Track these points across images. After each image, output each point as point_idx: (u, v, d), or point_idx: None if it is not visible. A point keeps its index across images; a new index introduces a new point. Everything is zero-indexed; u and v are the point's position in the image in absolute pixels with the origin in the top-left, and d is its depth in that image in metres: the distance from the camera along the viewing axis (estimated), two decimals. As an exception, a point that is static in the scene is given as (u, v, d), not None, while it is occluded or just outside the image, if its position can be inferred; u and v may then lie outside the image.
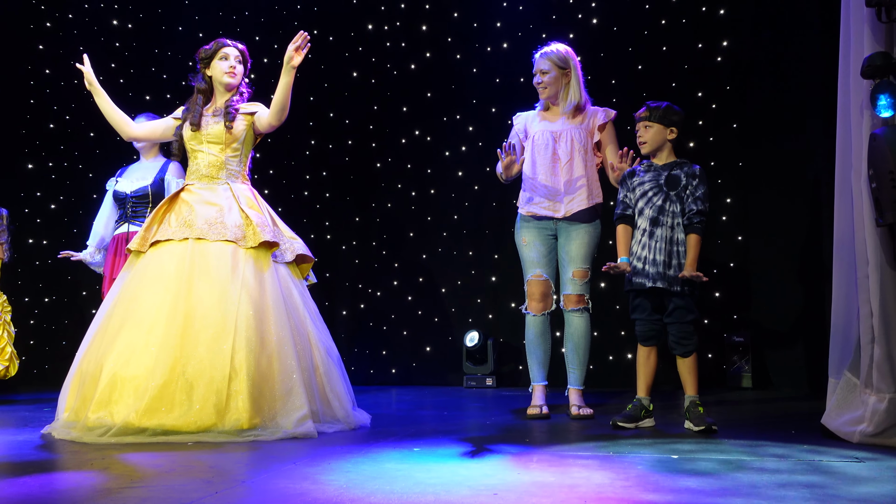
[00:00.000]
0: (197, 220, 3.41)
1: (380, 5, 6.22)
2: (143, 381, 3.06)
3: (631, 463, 2.54)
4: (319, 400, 3.32)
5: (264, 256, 3.44)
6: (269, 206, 3.69)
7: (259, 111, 3.68)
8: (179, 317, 3.17)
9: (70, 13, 6.50)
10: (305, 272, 3.71)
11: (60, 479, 2.34)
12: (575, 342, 3.91)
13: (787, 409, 4.22)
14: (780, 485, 2.16)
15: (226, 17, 6.40)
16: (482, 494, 2.07)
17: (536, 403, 3.89)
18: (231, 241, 3.38)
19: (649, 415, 3.48)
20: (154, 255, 3.41)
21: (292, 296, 3.47)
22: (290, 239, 3.63)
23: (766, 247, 5.33)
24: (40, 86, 6.48)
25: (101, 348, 3.24)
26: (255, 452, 2.78)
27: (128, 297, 3.32)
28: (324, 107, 6.29)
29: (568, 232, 3.92)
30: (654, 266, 3.40)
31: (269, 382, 3.17)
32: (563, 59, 3.94)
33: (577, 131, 3.92)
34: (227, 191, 3.56)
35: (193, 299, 3.22)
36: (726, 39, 5.50)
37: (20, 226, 6.09)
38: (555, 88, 3.96)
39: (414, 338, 6.06)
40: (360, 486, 2.18)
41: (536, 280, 3.94)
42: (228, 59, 3.67)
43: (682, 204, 3.44)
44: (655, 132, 3.51)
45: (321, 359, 3.43)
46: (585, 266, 3.91)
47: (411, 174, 6.12)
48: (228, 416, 3.06)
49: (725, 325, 5.37)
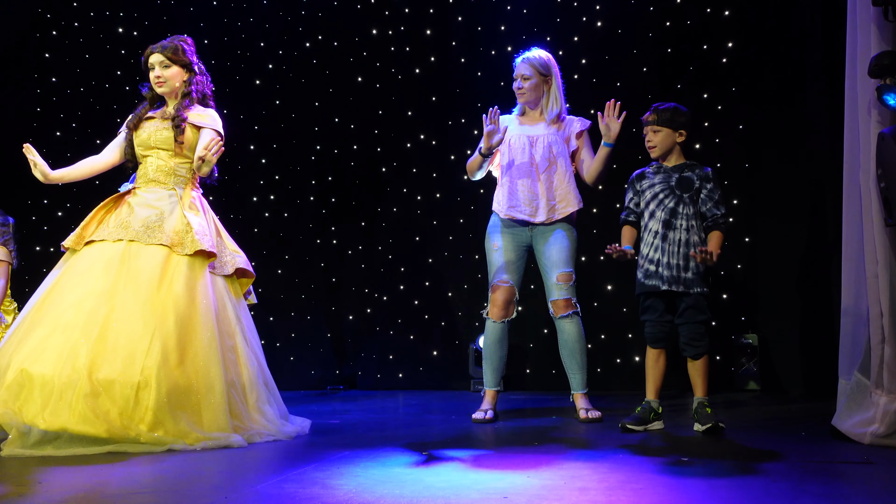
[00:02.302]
0: (134, 222, 3.33)
1: (384, 10, 6.23)
2: (49, 383, 2.95)
3: (641, 466, 2.53)
4: (245, 413, 3.24)
5: (200, 265, 3.34)
6: (215, 216, 3.59)
7: (203, 136, 3.49)
8: (98, 320, 3.08)
9: (76, 21, 6.52)
10: (244, 288, 3.62)
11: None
12: (570, 348, 3.89)
13: (796, 410, 4.20)
14: (793, 487, 2.15)
15: (231, 23, 6.41)
16: (492, 498, 2.06)
17: (484, 407, 3.91)
18: (166, 246, 3.29)
19: (658, 417, 3.46)
20: (86, 254, 3.32)
21: (225, 309, 3.38)
22: (232, 252, 3.54)
23: (773, 248, 5.30)
24: (47, 94, 6.50)
25: (14, 343, 3.13)
26: (260, 459, 2.78)
27: (52, 295, 3.24)
28: (329, 112, 6.30)
29: (545, 237, 3.91)
30: (668, 269, 3.39)
31: (183, 394, 3.08)
32: (545, 65, 3.95)
33: (556, 138, 3.93)
34: (172, 196, 3.46)
35: (115, 304, 3.13)
36: (731, 40, 5.49)
37: (27, 233, 6.11)
38: (534, 94, 3.97)
39: (421, 342, 6.05)
40: (369, 490, 2.18)
41: (503, 286, 3.91)
42: (154, 68, 3.54)
43: (696, 206, 3.44)
44: (664, 136, 3.50)
45: (248, 375, 3.34)
46: (569, 269, 3.88)
47: (417, 178, 6.12)
48: (133, 426, 2.96)
49: (733, 327, 5.35)
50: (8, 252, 5.08)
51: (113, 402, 2.97)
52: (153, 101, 3.64)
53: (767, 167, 5.35)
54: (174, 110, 3.53)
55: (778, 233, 5.27)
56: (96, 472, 2.53)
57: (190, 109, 3.54)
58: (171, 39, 3.60)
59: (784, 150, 5.26)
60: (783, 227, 5.25)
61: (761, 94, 5.38)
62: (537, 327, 5.57)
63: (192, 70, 3.60)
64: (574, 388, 3.92)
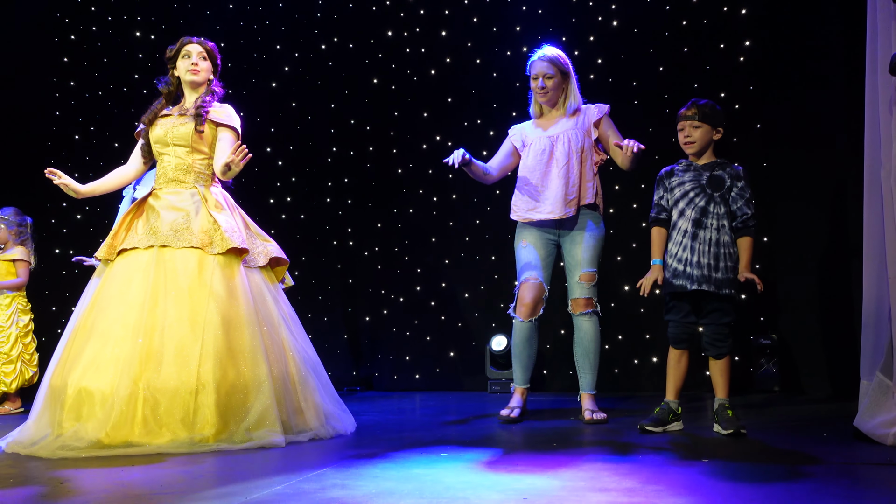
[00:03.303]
0: (162, 227, 3.31)
1: (399, 12, 6.24)
2: (108, 398, 2.98)
3: (660, 467, 2.51)
4: (293, 410, 3.24)
5: (234, 262, 3.32)
6: (240, 210, 3.58)
7: (223, 138, 3.50)
8: (145, 331, 3.09)
9: (94, 25, 6.57)
10: (281, 275, 3.60)
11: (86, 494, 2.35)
12: (585, 347, 3.88)
13: (816, 412, 4.16)
14: (816, 489, 2.13)
15: (247, 26, 6.44)
16: (511, 499, 2.06)
17: (512, 405, 3.89)
18: (197, 248, 3.28)
19: (677, 418, 3.44)
20: (121, 264, 3.31)
21: (265, 302, 3.36)
22: (263, 242, 3.51)
23: (791, 247, 5.26)
24: (65, 98, 6.56)
25: (68, 362, 3.15)
26: (280, 460, 2.79)
27: (94, 310, 3.24)
28: (345, 114, 6.31)
29: (572, 237, 3.89)
30: (698, 268, 3.35)
31: (240, 395, 3.10)
32: (565, 62, 3.94)
33: (574, 132, 3.90)
34: (194, 195, 3.44)
35: (159, 311, 3.14)
36: (749, 39, 5.45)
37: (46, 236, 6.16)
38: (556, 94, 3.95)
39: (437, 343, 6.05)
40: (389, 491, 2.18)
41: (532, 283, 3.87)
42: (191, 56, 3.53)
43: (727, 205, 3.40)
44: (704, 132, 3.45)
45: (296, 368, 3.34)
46: (592, 269, 3.87)
47: (433, 179, 6.12)
48: (196, 430, 3.00)
49: (752, 328, 5.31)
50: (27, 251, 5.16)
51: (174, 409, 3.00)
52: (169, 97, 3.62)
53: (786, 166, 5.31)
54: (197, 103, 3.51)
55: (797, 232, 5.23)
56: (118, 473, 2.54)
57: (211, 104, 3.54)
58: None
59: (803, 149, 5.22)
60: (802, 226, 5.21)
61: (779, 93, 5.34)
62: (555, 329, 5.55)
63: (216, 73, 3.65)
64: (583, 387, 3.90)
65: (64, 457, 2.85)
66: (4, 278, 5.08)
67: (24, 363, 5.03)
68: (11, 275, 5.08)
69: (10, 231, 5.11)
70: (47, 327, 5.86)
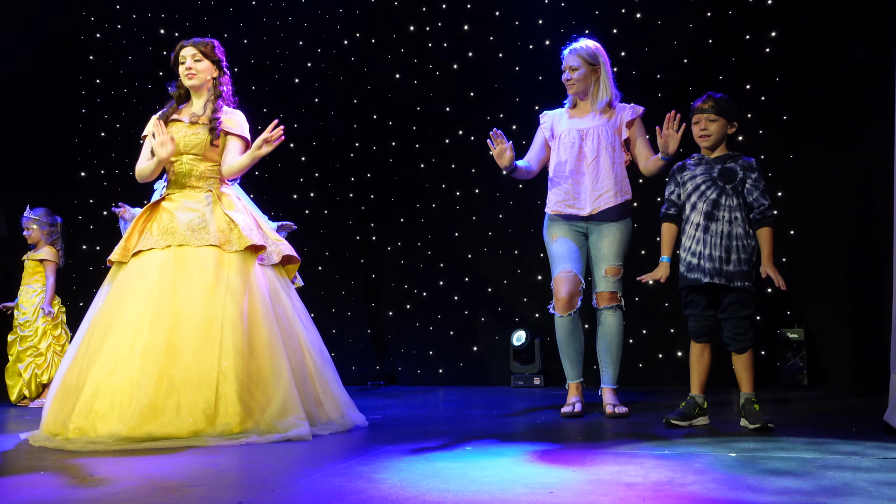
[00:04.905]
0: (179, 227, 3.35)
1: (421, 6, 6.23)
2: (129, 391, 3.00)
3: (688, 461, 2.49)
4: (313, 402, 3.27)
5: (250, 260, 3.37)
6: (253, 208, 3.62)
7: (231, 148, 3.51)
8: (164, 323, 3.12)
9: (119, 24, 6.63)
10: (292, 274, 3.65)
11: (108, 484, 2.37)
12: (608, 341, 3.85)
13: (845, 406, 4.11)
14: (847, 483, 2.10)
15: (269, 23, 6.47)
16: (538, 493, 2.05)
17: (571, 401, 3.86)
18: (215, 246, 3.31)
19: (703, 413, 3.42)
20: (136, 264, 3.33)
21: (280, 299, 3.40)
22: (275, 241, 3.54)
23: (819, 240, 5.20)
24: (92, 96, 6.63)
25: (86, 359, 3.18)
26: (304, 453, 2.80)
27: (111, 308, 3.26)
28: (367, 109, 6.32)
29: (599, 230, 3.88)
30: (710, 261, 3.33)
31: (260, 386, 3.12)
32: (592, 55, 3.90)
33: (605, 129, 3.87)
34: (208, 196, 3.48)
35: (178, 305, 3.17)
36: (775, 30, 5.39)
37: (73, 232, 6.24)
38: (584, 85, 3.92)
39: (461, 338, 6.05)
40: (414, 484, 2.18)
41: (566, 276, 3.83)
42: (185, 60, 3.54)
43: (739, 197, 3.37)
44: (720, 126, 3.42)
45: (313, 361, 3.37)
46: (618, 263, 3.85)
47: (455, 174, 6.11)
48: (219, 421, 3.02)
49: (779, 321, 5.25)
50: (55, 252, 5.27)
51: (196, 400, 3.03)
52: (180, 100, 3.64)
53: (813, 158, 5.24)
54: (210, 112, 3.53)
55: (824, 224, 5.16)
56: (145, 464, 2.57)
57: (221, 112, 3.55)
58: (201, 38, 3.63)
59: (830, 140, 5.14)
60: (829, 218, 5.14)
61: (806, 84, 5.27)
62: (578, 323, 5.52)
63: (222, 69, 3.63)
64: (604, 381, 3.88)
65: (91, 450, 2.88)
66: (32, 277, 5.23)
67: (55, 355, 5.15)
68: (39, 274, 5.24)
69: (43, 231, 5.26)
70: (76, 323, 5.93)
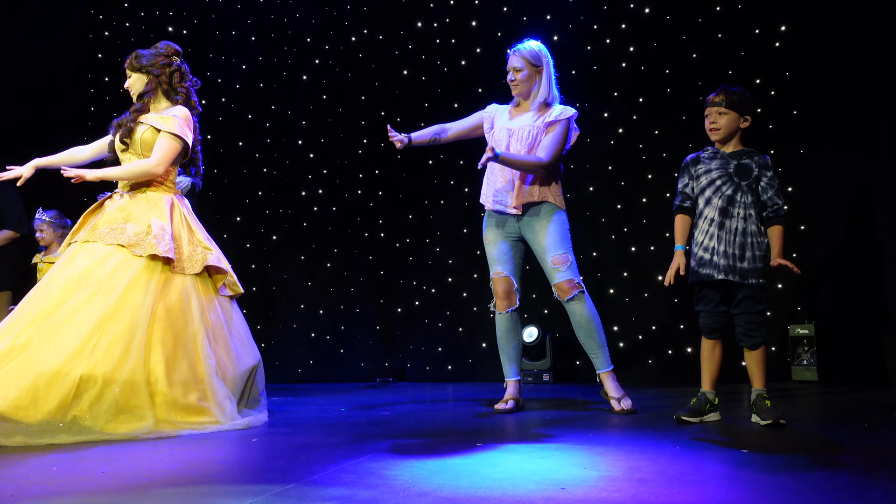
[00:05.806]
0: (101, 225, 3.49)
1: (429, 3, 6.22)
2: None
3: (699, 458, 2.48)
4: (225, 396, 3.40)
5: (156, 266, 3.43)
6: (189, 216, 3.66)
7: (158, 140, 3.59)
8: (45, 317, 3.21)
9: (127, 22, 6.65)
10: (219, 283, 3.66)
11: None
12: (585, 329, 3.83)
13: (856, 402, 4.09)
14: (861, 479, 2.09)
15: (277, 20, 6.47)
16: (549, 489, 2.05)
17: (506, 397, 3.93)
18: (123, 246, 3.41)
19: (714, 409, 3.40)
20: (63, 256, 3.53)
21: (182, 305, 3.43)
22: (204, 250, 3.59)
23: (829, 236, 5.18)
24: (100, 94, 6.65)
25: None
26: (317, 447, 2.81)
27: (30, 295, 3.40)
28: (376, 105, 6.32)
29: (531, 227, 3.88)
30: (724, 258, 3.31)
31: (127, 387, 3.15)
32: (535, 56, 3.90)
33: (534, 128, 3.87)
34: (144, 199, 3.56)
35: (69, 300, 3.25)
36: (784, 24, 5.36)
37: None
38: (527, 86, 3.92)
39: (469, 334, 6.05)
40: (426, 480, 2.18)
41: (498, 277, 3.96)
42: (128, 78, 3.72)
43: (754, 195, 3.34)
44: (730, 119, 3.39)
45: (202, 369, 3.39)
46: (562, 251, 3.82)
47: (464, 171, 6.11)
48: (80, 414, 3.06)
49: (789, 317, 5.24)
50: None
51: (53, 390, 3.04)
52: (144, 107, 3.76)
53: (823, 153, 5.22)
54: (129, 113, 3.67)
55: (834, 220, 5.14)
56: (150, 458, 2.57)
57: (144, 112, 3.64)
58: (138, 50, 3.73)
59: (841, 136, 5.12)
60: (840, 214, 5.12)
61: (816, 79, 5.25)
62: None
63: (149, 73, 3.67)
64: (598, 367, 3.86)
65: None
66: None
67: None
68: None
69: (56, 233, 5.34)
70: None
